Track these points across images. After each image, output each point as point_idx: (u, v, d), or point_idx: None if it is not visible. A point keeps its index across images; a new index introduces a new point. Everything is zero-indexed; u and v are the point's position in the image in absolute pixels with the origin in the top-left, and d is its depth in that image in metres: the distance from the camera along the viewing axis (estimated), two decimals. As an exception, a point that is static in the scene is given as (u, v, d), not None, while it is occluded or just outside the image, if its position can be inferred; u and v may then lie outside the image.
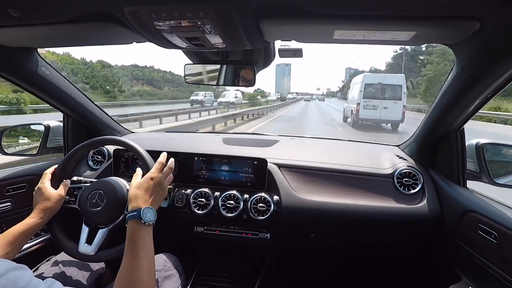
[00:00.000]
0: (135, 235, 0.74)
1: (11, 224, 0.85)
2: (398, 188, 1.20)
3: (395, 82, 11.86)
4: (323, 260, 1.55)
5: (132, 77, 56.90)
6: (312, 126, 13.62)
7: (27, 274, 0.44)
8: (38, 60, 1.10)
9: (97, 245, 0.94)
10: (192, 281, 1.29)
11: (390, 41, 0.75)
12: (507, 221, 0.83)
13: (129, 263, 0.70)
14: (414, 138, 1.33)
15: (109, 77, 38.56)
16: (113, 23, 0.72)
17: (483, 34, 0.65)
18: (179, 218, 1.24)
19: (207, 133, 2.69)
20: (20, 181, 1.24)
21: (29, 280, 0.43)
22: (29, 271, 0.46)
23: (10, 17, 0.70)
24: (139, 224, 0.75)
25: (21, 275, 0.43)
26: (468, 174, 1.12)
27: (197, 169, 1.26)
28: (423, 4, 0.59)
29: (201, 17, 0.65)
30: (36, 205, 0.90)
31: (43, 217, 0.88)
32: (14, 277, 0.42)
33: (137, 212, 0.76)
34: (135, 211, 0.77)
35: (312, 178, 1.25)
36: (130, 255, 0.71)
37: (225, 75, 1.05)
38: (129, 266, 0.69)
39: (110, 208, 0.96)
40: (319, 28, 0.71)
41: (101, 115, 1.49)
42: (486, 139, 1.11)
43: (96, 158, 1.41)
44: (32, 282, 0.44)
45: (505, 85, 0.83)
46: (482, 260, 0.90)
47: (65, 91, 1.25)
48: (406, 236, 1.22)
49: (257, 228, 1.21)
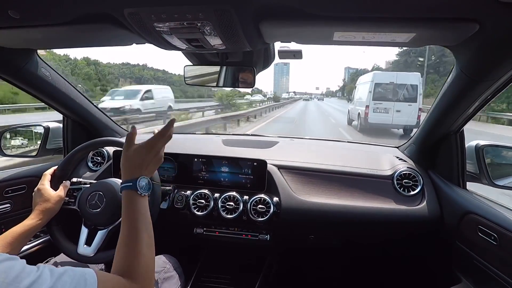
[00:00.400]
0: (132, 207, 0.70)
1: (10, 226, 0.85)
2: (398, 190, 1.20)
3: (409, 81, 10.05)
4: (323, 262, 1.55)
5: (119, 75, 54.06)
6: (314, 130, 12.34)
7: (18, 263, 0.44)
8: (38, 61, 1.10)
9: (97, 247, 0.94)
10: (192, 283, 1.29)
11: (389, 42, 0.75)
12: (507, 223, 0.83)
13: (127, 236, 0.66)
14: (413, 140, 1.33)
15: (91, 75, 36.98)
16: (113, 25, 0.72)
17: (483, 36, 0.65)
18: (179, 220, 1.23)
19: (207, 134, 2.69)
20: (20, 183, 1.23)
21: (21, 269, 0.43)
22: (20, 260, 0.45)
23: (10, 18, 0.70)
24: (135, 195, 0.71)
25: (12, 266, 0.43)
26: (467, 176, 1.12)
27: (196, 170, 1.26)
28: (422, 6, 0.59)
29: (201, 18, 0.65)
30: (36, 207, 0.90)
31: (42, 218, 0.88)
32: (5, 268, 0.42)
33: (132, 183, 0.71)
34: (130, 181, 0.72)
35: (311, 179, 1.25)
36: (128, 228, 0.67)
37: (224, 77, 1.05)
38: (127, 239, 0.66)
39: (110, 209, 0.96)
40: (319, 29, 0.71)
41: (101, 116, 1.49)
42: (485, 140, 1.11)
43: (96, 159, 1.41)
44: (24, 270, 0.43)
45: (505, 87, 0.84)
46: (482, 262, 0.90)
47: (64, 93, 1.25)
48: (406, 237, 1.22)
49: (256, 230, 1.21)
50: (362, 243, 1.31)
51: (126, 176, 0.74)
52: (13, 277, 0.41)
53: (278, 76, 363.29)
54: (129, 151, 0.76)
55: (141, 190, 0.71)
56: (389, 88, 10.36)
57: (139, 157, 0.75)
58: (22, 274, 0.43)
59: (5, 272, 0.41)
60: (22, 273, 0.43)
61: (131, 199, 0.71)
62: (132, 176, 0.73)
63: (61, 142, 1.45)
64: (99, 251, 0.94)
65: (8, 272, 0.42)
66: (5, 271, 0.41)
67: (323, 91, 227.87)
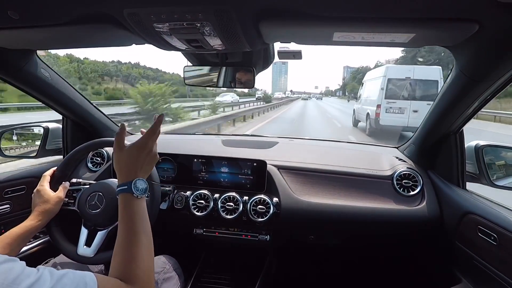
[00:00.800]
0: (128, 210, 0.69)
1: (9, 227, 0.85)
2: (398, 190, 1.20)
3: (428, 76, 8.44)
4: (323, 262, 1.55)
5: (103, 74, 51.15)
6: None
7: (18, 265, 0.44)
8: (37, 62, 1.10)
9: (96, 247, 0.94)
10: (192, 283, 1.29)
11: (389, 43, 0.75)
12: (506, 223, 0.83)
13: (125, 239, 0.65)
14: (413, 140, 1.33)
15: (71, 72, 35.65)
16: (112, 25, 0.72)
17: (482, 36, 0.65)
18: (178, 220, 1.23)
19: (207, 134, 2.69)
20: (19, 183, 1.23)
21: (21, 271, 0.43)
22: (20, 262, 0.45)
23: (9, 19, 0.70)
24: (132, 198, 0.69)
25: (11, 267, 0.43)
26: (467, 176, 1.12)
27: (196, 171, 1.26)
28: (422, 6, 0.59)
29: (201, 19, 0.65)
30: (35, 207, 0.89)
31: (41, 219, 0.88)
32: (5, 269, 0.42)
33: (127, 185, 0.70)
34: (125, 184, 0.70)
35: (311, 180, 1.25)
36: (126, 231, 0.66)
37: (224, 77, 1.05)
38: (125, 243, 0.64)
39: (109, 210, 0.96)
40: (319, 30, 0.72)
41: (101, 117, 1.49)
42: (485, 141, 1.11)
43: (95, 160, 1.41)
44: (24, 272, 0.43)
45: (504, 87, 0.84)
46: (481, 262, 0.90)
47: (64, 93, 1.25)
48: (406, 237, 1.22)
49: (256, 230, 1.21)
50: (361, 243, 1.31)
51: (121, 179, 0.72)
52: (12, 278, 0.41)
53: (277, 76, 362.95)
54: (120, 153, 0.74)
55: (137, 192, 0.69)
56: (404, 84, 8.69)
57: (132, 158, 0.73)
58: (21, 276, 0.42)
59: (5, 274, 0.41)
60: (22, 275, 0.43)
61: (128, 202, 0.69)
62: (127, 178, 0.71)
63: (61, 142, 1.45)
64: (99, 252, 0.94)
65: (7, 273, 0.42)
66: (4, 273, 0.41)
67: (322, 90, 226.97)
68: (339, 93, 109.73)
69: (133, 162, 0.73)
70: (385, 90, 8.82)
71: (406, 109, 8.62)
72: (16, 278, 0.42)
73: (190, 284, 1.28)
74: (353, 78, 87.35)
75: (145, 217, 0.70)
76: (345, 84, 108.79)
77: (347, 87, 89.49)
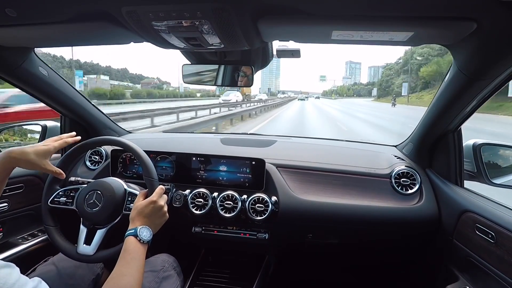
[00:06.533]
0: (129, 248, 0.78)
1: (7, 225, 0.85)
2: (396, 188, 1.20)
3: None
4: (321, 260, 1.56)
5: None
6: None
7: (15, 272, 0.45)
8: (35, 60, 1.10)
9: (96, 245, 0.94)
10: (190, 282, 1.29)
11: (387, 41, 0.75)
12: (504, 221, 0.83)
13: (120, 268, 0.73)
14: (411, 138, 1.34)
15: None
16: (110, 23, 0.72)
17: (480, 35, 0.66)
18: (177, 219, 1.23)
19: (205, 133, 2.69)
20: (17, 182, 1.23)
21: (17, 278, 0.44)
22: (16, 268, 0.46)
23: (7, 16, 0.70)
24: (136, 241, 0.79)
25: (9, 273, 0.44)
26: (465, 174, 1.12)
27: (195, 170, 1.26)
28: (420, 5, 0.59)
29: (199, 17, 0.65)
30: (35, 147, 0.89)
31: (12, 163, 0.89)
32: (3, 275, 0.43)
33: (134, 230, 0.80)
34: (133, 229, 0.81)
35: (310, 178, 1.25)
36: (123, 263, 0.75)
37: (223, 75, 1.05)
38: (120, 270, 0.73)
39: (108, 208, 0.96)
40: (317, 28, 0.72)
41: (99, 115, 1.49)
42: (483, 139, 1.11)
43: (94, 158, 1.40)
44: (20, 280, 0.44)
45: (502, 85, 0.84)
46: (479, 260, 0.91)
47: (62, 91, 1.24)
48: (404, 236, 1.22)
49: (255, 228, 1.21)
50: (360, 241, 1.32)
51: (132, 225, 0.82)
52: (11, 283, 0.42)
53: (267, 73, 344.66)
54: (138, 203, 0.87)
55: (141, 236, 0.79)
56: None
57: (145, 209, 0.85)
58: (18, 283, 0.43)
59: (4, 278, 0.42)
60: (19, 282, 0.44)
61: (131, 244, 0.78)
62: (136, 224, 0.82)
63: (59, 141, 1.44)
64: (99, 250, 0.94)
65: (7, 278, 0.42)
66: (4, 277, 0.42)
67: (325, 89, 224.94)
68: (374, 92, 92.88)
69: (146, 212, 0.85)
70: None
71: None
72: (15, 283, 0.42)
73: (189, 282, 1.28)
74: (387, 76, 75.69)
75: (142, 260, 0.77)
76: (379, 82, 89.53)
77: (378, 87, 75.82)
